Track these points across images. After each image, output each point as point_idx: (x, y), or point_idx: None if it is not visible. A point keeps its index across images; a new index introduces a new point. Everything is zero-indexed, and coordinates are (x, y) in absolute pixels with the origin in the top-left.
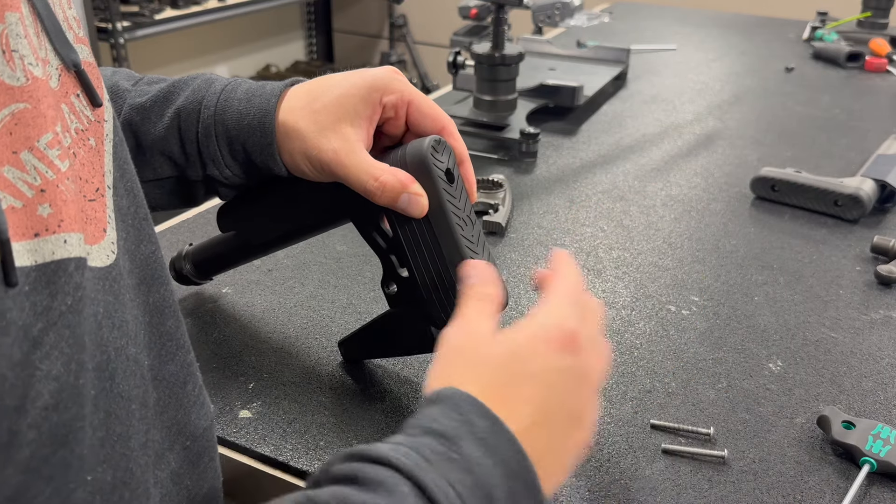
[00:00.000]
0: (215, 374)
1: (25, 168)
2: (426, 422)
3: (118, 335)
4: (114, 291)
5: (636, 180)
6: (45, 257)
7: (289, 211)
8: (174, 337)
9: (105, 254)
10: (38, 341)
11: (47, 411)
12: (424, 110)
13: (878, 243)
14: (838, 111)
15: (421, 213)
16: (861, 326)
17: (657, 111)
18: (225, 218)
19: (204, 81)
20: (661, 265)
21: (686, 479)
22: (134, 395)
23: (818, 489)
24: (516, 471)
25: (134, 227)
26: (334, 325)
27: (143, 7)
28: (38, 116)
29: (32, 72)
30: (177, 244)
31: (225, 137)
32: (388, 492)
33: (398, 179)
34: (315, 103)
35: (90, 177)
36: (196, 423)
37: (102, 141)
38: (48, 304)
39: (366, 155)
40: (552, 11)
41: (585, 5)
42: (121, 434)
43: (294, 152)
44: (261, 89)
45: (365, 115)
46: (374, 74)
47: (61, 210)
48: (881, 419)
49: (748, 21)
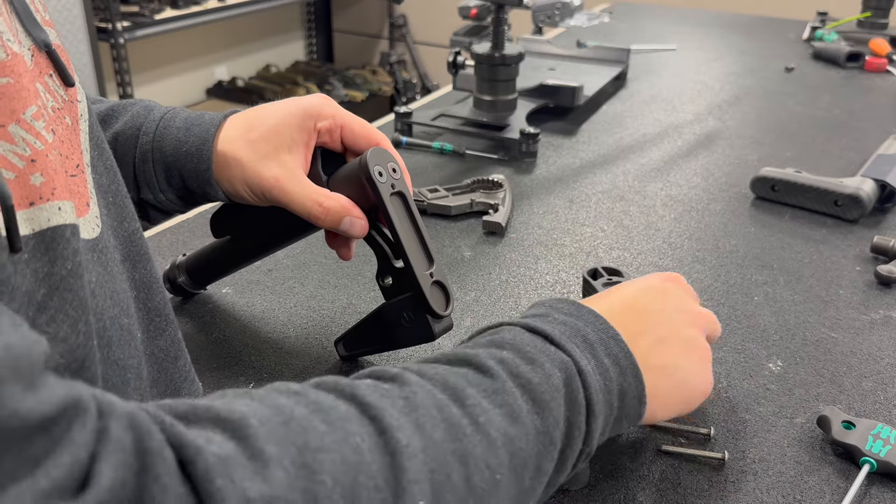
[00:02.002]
0: (215, 373)
1: (14, 140)
2: (520, 315)
3: (111, 304)
4: (102, 262)
5: (636, 180)
6: (41, 224)
7: (281, 211)
8: (162, 313)
9: (91, 226)
10: (42, 306)
11: (58, 372)
12: (357, 131)
13: (878, 243)
14: (838, 111)
15: (361, 235)
16: (861, 326)
17: (657, 111)
18: (219, 223)
19: (143, 108)
20: (661, 265)
21: (686, 479)
22: (129, 365)
23: (818, 489)
24: (600, 327)
25: (115, 204)
26: (334, 325)
27: (143, 7)
28: (22, 90)
29: (11, 48)
30: (176, 244)
31: (162, 163)
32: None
33: (340, 204)
34: (251, 133)
35: (69, 153)
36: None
37: (77, 120)
38: (49, 270)
39: (307, 181)
40: (552, 11)
41: (585, 5)
42: None
43: (234, 180)
44: (199, 118)
45: (301, 142)
46: (306, 102)
47: (53, 179)
48: (881, 419)
49: (748, 21)
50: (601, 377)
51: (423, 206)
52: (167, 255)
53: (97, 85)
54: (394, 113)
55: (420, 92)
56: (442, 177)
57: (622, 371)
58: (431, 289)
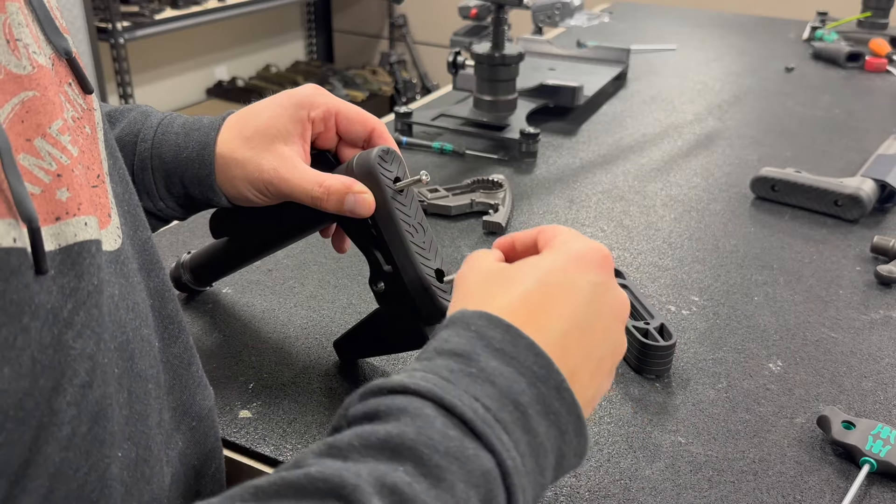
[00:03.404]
0: (215, 374)
1: (40, 154)
2: (438, 344)
3: (133, 316)
4: (124, 274)
5: (636, 180)
6: (67, 240)
7: (278, 212)
8: (175, 320)
9: (113, 238)
10: (69, 322)
11: (84, 389)
12: (352, 117)
13: (878, 243)
14: (838, 111)
15: (369, 212)
16: (861, 326)
17: (657, 111)
18: (217, 224)
19: (140, 114)
20: (661, 265)
21: (686, 479)
22: (149, 376)
23: (818, 489)
24: (541, 375)
25: (130, 213)
26: (334, 325)
27: (143, 7)
28: (48, 103)
29: (37, 60)
30: (176, 245)
31: (161, 171)
32: (412, 417)
33: (341, 182)
34: (245, 130)
35: (91, 164)
36: (201, 404)
37: (95, 129)
38: (76, 286)
39: (306, 167)
40: (552, 11)
41: (585, 5)
42: (140, 413)
43: (236, 180)
44: (198, 123)
45: (296, 133)
46: (298, 93)
47: (79, 194)
48: (881, 419)
49: (748, 21)
50: (533, 460)
51: (424, 206)
52: (167, 256)
53: (97, 85)
54: (394, 113)
55: (420, 92)
56: (442, 177)
57: (562, 432)
58: (424, 295)
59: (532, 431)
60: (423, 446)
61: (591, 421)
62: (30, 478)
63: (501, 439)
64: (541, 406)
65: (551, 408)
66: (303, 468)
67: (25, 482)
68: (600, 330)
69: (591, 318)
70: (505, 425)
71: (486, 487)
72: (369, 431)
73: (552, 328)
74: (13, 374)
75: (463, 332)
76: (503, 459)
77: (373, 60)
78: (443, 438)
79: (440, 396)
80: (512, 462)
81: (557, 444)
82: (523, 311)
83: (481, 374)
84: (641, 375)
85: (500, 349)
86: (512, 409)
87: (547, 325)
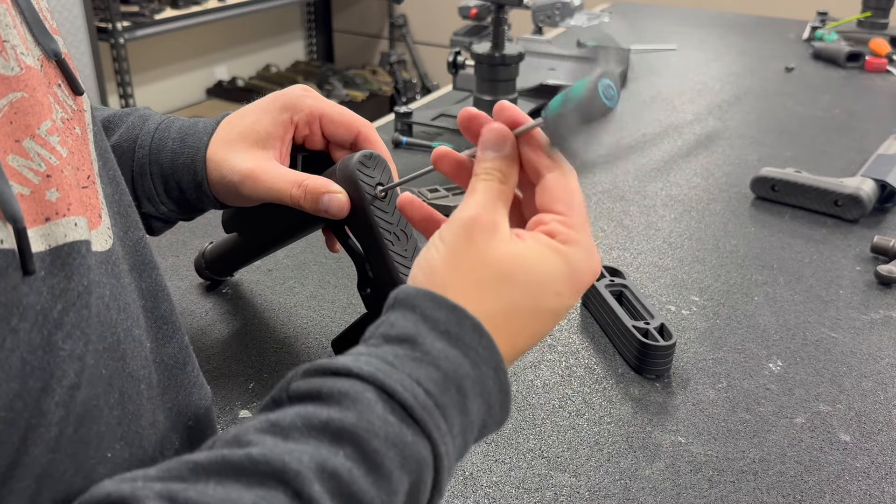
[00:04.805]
0: (215, 373)
1: (29, 155)
2: (384, 329)
3: (124, 317)
4: (115, 275)
5: (636, 180)
6: (57, 241)
7: (277, 211)
8: (169, 320)
9: (103, 238)
10: (58, 323)
11: (72, 390)
12: (336, 120)
13: (878, 243)
14: (838, 111)
15: (341, 213)
16: (861, 326)
17: (657, 111)
18: (227, 220)
19: (138, 119)
20: (661, 265)
21: (686, 479)
22: (141, 376)
23: (818, 489)
24: (484, 356)
25: (120, 213)
26: (334, 325)
27: (143, 7)
28: (36, 104)
29: (25, 61)
30: (176, 245)
31: (160, 176)
32: (353, 401)
33: (321, 182)
34: (229, 135)
35: (81, 164)
36: (197, 404)
37: (86, 130)
38: (65, 286)
39: (283, 168)
40: (552, 11)
41: (585, 5)
42: (133, 413)
43: (220, 184)
44: (193, 128)
45: (277, 136)
46: (283, 96)
47: (68, 194)
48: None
49: (748, 21)
50: (462, 437)
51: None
52: (167, 256)
53: (97, 85)
54: (394, 113)
55: (420, 92)
56: (442, 177)
57: (489, 407)
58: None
59: (467, 412)
60: (364, 431)
61: (591, 421)
62: (16, 479)
63: (439, 426)
64: (479, 387)
65: (486, 387)
66: (244, 448)
67: (12, 483)
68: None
69: (549, 307)
70: (444, 410)
71: (418, 474)
72: (312, 413)
73: (511, 297)
74: (3, 375)
75: (409, 315)
76: (437, 446)
77: (373, 60)
78: (383, 424)
79: (382, 381)
80: (445, 448)
81: (483, 418)
82: (503, 324)
83: (426, 357)
84: (641, 375)
85: (446, 331)
86: (454, 392)
87: (507, 291)
